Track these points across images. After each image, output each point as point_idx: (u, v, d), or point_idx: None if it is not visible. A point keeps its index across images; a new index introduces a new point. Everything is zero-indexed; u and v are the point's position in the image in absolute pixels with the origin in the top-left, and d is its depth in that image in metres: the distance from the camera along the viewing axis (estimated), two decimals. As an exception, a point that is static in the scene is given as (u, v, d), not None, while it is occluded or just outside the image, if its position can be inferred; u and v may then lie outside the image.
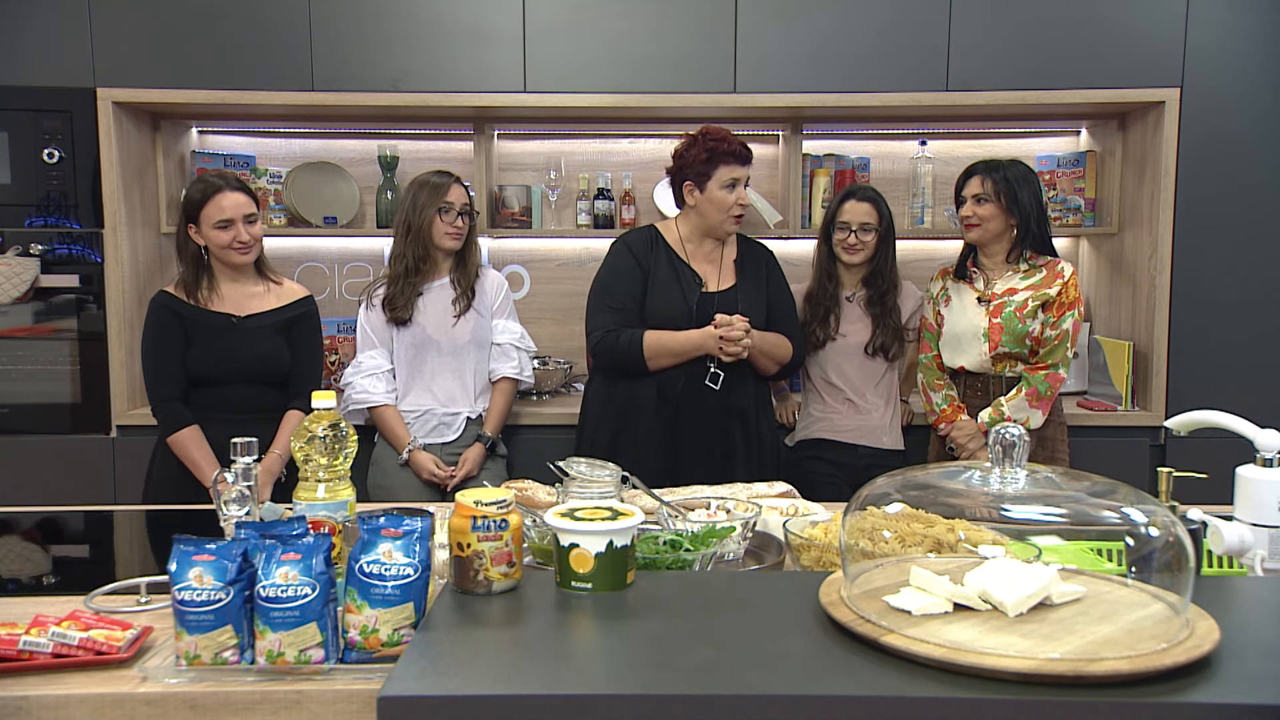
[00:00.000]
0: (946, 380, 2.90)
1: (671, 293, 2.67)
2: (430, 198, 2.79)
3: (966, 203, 2.80)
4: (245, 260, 2.60)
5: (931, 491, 1.33)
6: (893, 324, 2.91)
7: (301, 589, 1.19)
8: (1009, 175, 2.75)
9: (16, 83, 3.17)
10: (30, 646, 1.23)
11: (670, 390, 2.65)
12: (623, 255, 2.73)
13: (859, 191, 2.93)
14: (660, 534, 1.58)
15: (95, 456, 3.26)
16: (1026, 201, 2.75)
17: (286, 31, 3.21)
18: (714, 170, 2.62)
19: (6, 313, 3.23)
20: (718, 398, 2.65)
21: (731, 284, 2.73)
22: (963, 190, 2.83)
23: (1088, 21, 3.20)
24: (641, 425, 2.67)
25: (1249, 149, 3.22)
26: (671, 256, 2.72)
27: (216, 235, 2.53)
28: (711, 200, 2.64)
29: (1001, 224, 2.78)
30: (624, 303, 2.68)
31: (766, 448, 2.75)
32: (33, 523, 2.14)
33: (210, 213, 2.52)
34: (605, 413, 2.74)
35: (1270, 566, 1.45)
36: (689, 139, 2.68)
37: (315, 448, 1.40)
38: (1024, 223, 2.76)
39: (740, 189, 2.65)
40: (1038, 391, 2.74)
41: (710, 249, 2.75)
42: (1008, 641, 1.03)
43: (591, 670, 1.08)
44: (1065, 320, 2.74)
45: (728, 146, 2.61)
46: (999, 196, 2.74)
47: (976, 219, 2.78)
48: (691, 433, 2.65)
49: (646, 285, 2.69)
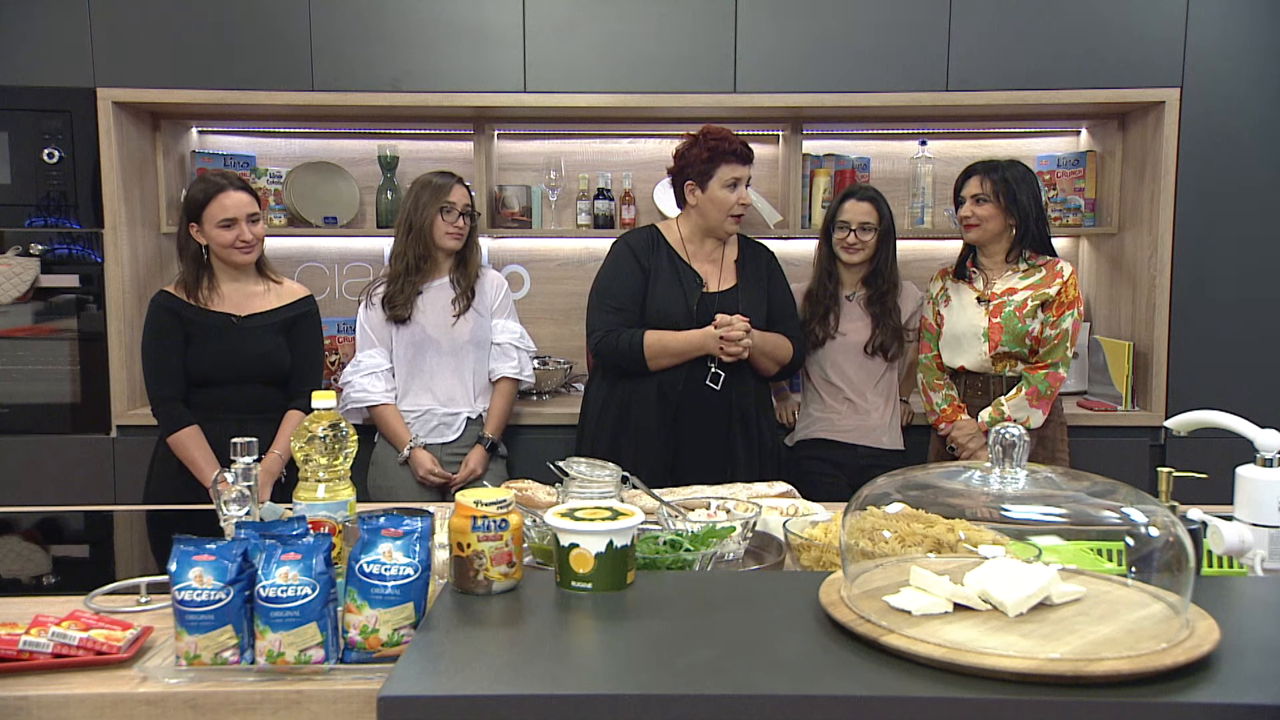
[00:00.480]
0: (946, 380, 2.90)
1: (672, 293, 2.67)
2: (432, 197, 2.79)
3: (965, 203, 2.81)
4: (248, 260, 2.60)
5: (931, 491, 1.33)
6: (892, 324, 2.91)
7: (301, 589, 1.19)
8: (1008, 175, 2.76)
9: (16, 83, 3.17)
10: (30, 646, 1.23)
11: (671, 391, 2.65)
12: (623, 255, 2.73)
13: (859, 191, 2.93)
14: (660, 534, 1.58)
15: (95, 456, 3.26)
16: (1025, 201, 2.75)
17: (286, 31, 3.21)
18: (715, 169, 2.62)
19: (6, 313, 3.23)
20: (718, 398, 2.65)
21: (733, 284, 2.73)
22: (962, 190, 2.83)
23: (1088, 21, 3.20)
24: (642, 426, 2.67)
25: (1249, 149, 3.22)
26: (673, 256, 2.72)
27: (219, 234, 2.53)
28: (713, 200, 2.64)
29: (1000, 224, 2.78)
30: (624, 303, 2.68)
31: (767, 449, 2.75)
32: (33, 523, 2.14)
33: (213, 212, 2.52)
34: (605, 413, 2.74)
35: (1270, 566, 1.45)
36: (690, 139, 2.68)
37: (315, 448, 1.40)
38: (1023, 223, 2.76)
39: (741, 189, 2.65)
40: (1038, 391, 2.74)
41: (711, 249, 2.75)
42: (1008, 641, 1.03)
43: (591, 670, 1.08)
44: (1065, 320, 2.74)
45: (729, 146, 2.61)
46: (998, 196, 2.75)
47: (975, 219, 2.78)
48: (692, 433, 2.65)
49: (647, 285, 2.69)
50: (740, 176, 2.64)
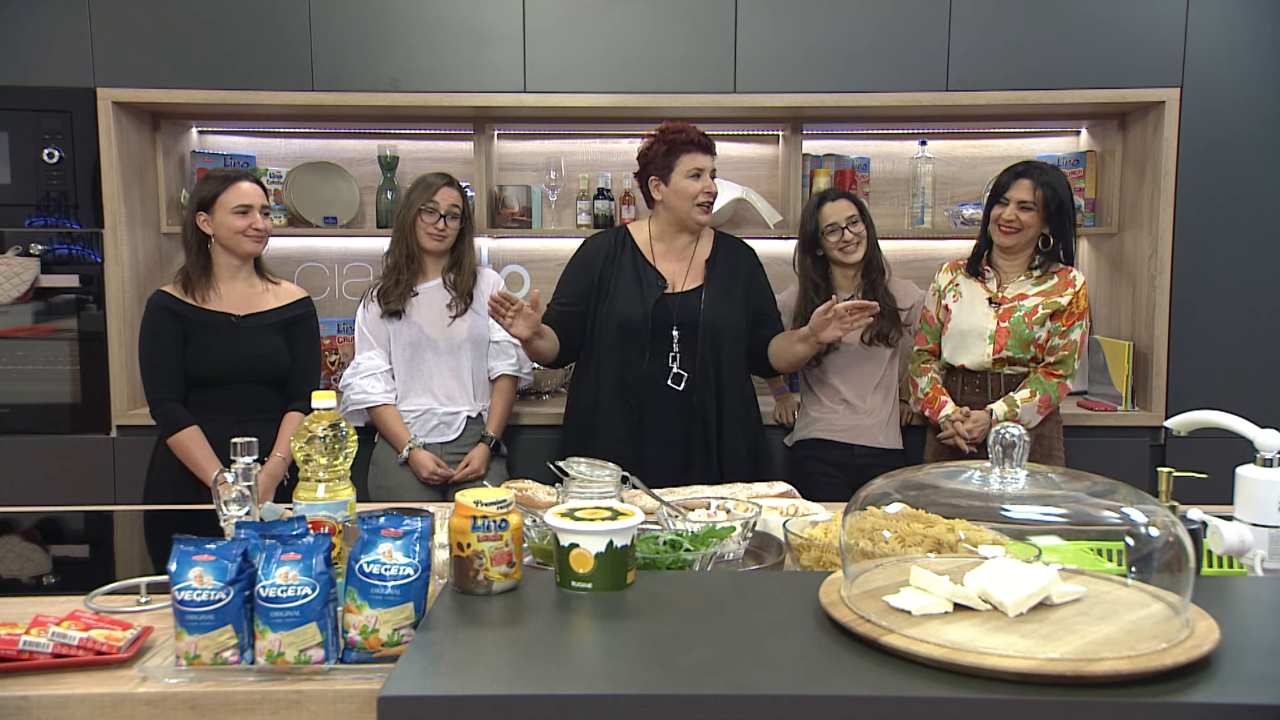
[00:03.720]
0: (933, 365, 2.90)
1: (630, 294, 2.64)
2: (418, 197, 2.81)
3: (1010, 205, 2.71)
4: (256, 249, 2.62)
5: (931, 491, 1.33)
6: (888, 308, 2.89)
7: (301, 589, 1.19)
8: (1057, 186, 2.69)
9: (16, 83, 3.17)
10: (30, 646, 1.23)
11: (632, 391, 2.62)
12: (581, 256, 2.73)
13: (831, 193, 2.92)
14: (660, 534, 1.58)
15: (95, 456, 3.26)
16: (1069, 210, 2.72)
17: (286, 31, 3.21)
18: (675, 161, 2.60)
19: (6, 313, 3.23)
20: (681, 399, 2.61)
21: (697, 284, 2.68)
22: (1008, 191, 2.72)
23: (1088, 21, 3.20)
24: (606, 425, 2.64)
25: (1249, 149, 3.22)
26: (636, 257, 2.69)
27: (233, 220, 2.56)
28: (677, 191, 2.62)
29: (1037, 233, 2.74)
30: (571, 301, 2.67)
31: (741, 457, 2.66)
32: (33, 523, 2.14)
33: (229, 198, 2.55)
34: (574, 413, 2.74)
35: (1270, 566, 1.45)
36: (649, 137, 2.68)
37: (315, 448, 1.40)
38: (1059, 231, 2.72)
39: (706, 178, 2.61)
40: (1049, 399, 2.74)
41: (683, 247, 2.70)
42: (1008, 641, 1.03)
43: (591, 670, 1.08)
44: (1074, 331, 2.73)
45: (686, 136, 2.61)
46: (1046, 204, 2.69)
47: (1019, 224, 2.71)
48: (654, 434, 2.61)
49: (600, 286, 2.66)
50: (702, 166, 2.60)
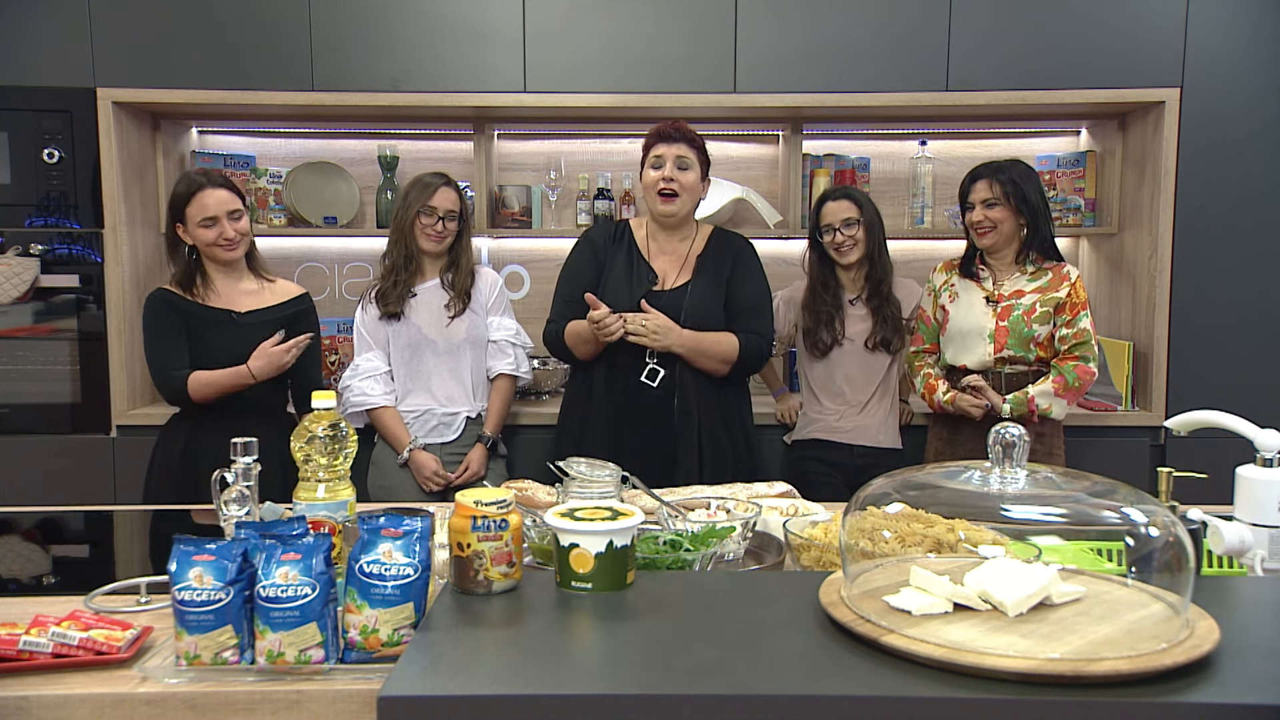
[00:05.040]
0: (928, 360, 2.91)
1: (621, 289, 2.61)
2: (416, 198, 2.79)
3: (975, 208, 2.77)
4: (232, 257, 2.59)
5: (931, 491, 1.33)
6: (891, 314, 2.90)
7: (301, 589, 1.19)
8: (1014, 175, 2.73)
9: (16, 83, 3.17)
10: (30, 646, 1.23)
11: (613, 388, 2.60)
12: (581, 248, 2.72)
13: (834, 192, 2.93)
14: (660, 534, 1.58)
15: (95, 456, 3.26)
16: (1034, 199, 2.73)
17: (286, 31, 3.21)
18: (646, 155, 2.63)
19: (6, 313, 3.23)
20: (658, 397, 2.57)
21: (686, 280, 2.64)
22: (969, 196, 2.79)
23: (1088, 21, 3.20)
24: (595, 421, 2.62)
25: (1249, 149, 3.22)
26: (632, 252, 2.67)
27: (201, 233, 2.53)
28: (644, 183, 2.63)
29: (1013, 225, 2.75)
30: (575, 295, 2.63)
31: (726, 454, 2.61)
32: (33, 523, 2.14)
33: (193, 211, 2.52)
34: (567, 410, 2.73)
35: (1270, 566, 1.45)
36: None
37: (315, 448, 1.40)
38: (1034, 220, 2.74)
39: (669, 166, 2.56)
40: (1065, 381, 2.72)
41: (677, 243, 2.68)
42: (1008, 641, 1.03)
43: (591, 670, 1.08)
44: (1081, 319, 2.73)
45: (656, 129, 2.62)
46: (1008, 198, 2.72)
47: (989, 223, 2.75)
48: (634, 432, 2.58)
49: (601, 280, 2.64)
50: (662, 154, 2.57)
